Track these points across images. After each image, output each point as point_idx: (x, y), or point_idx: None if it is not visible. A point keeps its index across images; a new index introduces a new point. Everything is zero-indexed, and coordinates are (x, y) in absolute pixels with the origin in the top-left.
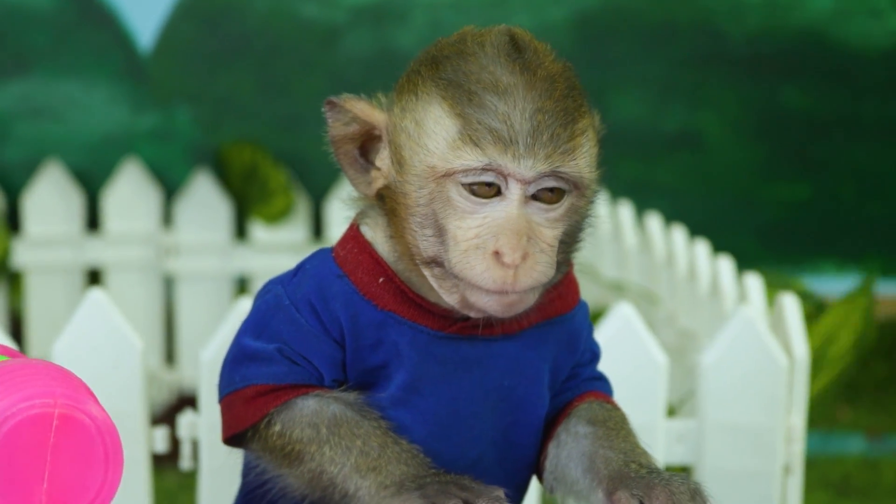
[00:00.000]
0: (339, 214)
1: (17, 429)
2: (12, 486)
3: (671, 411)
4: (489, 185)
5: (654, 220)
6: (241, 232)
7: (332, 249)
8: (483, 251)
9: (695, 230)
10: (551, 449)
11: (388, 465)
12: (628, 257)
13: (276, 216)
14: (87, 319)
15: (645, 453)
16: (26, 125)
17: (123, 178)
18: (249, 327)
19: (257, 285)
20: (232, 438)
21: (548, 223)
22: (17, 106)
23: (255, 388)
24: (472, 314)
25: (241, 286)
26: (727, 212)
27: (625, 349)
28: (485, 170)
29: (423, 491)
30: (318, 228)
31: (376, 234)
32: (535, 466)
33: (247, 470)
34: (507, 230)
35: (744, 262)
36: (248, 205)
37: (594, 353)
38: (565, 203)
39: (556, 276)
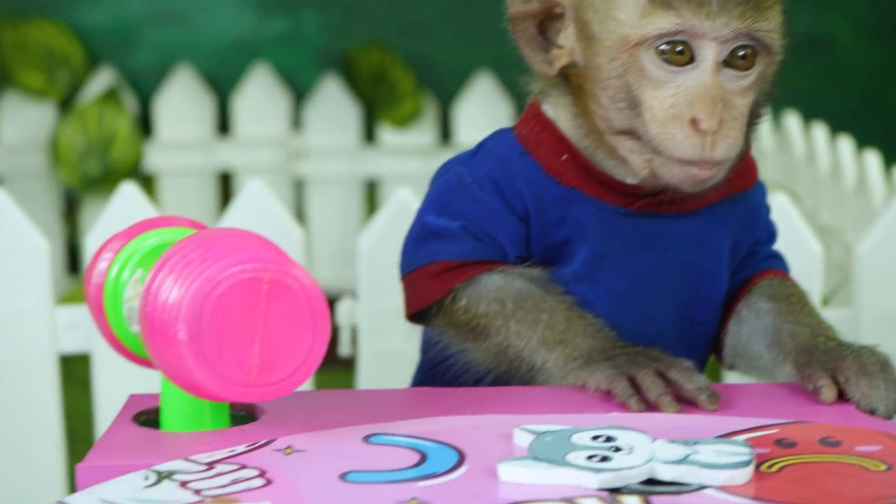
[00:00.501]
0: (468, 118)
1: (230, 292)
2: (226, 348)
3: (824, 301)
4: (682, 51)
5: (791, 119)
6: (369, 135)
7: (512, 128)
8: (680, 120)
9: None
10: (731, 326)
11: (575, 338)
12: (765, 157)
13: (405, 120)
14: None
15: (830, 327)
16: (155, 31)
17: (253, 82)
18: (431, 206)
19: (385, 189)
20: (415, 315)
21: (739, 91)
22: (147, 12)
23: (439, 264)
24: (659, 189)
25: (370, 189)
26: (857, 115)
27: (780, 239)
28: (678, 32)
29: (612, 362)
30: (445, 132)
31: (558, 113)
32: (714, 344)
33: (428, 346)
34: (702, 97)
35: None
36: (376, 109)
37: (771, 233)
38: (756, 69)
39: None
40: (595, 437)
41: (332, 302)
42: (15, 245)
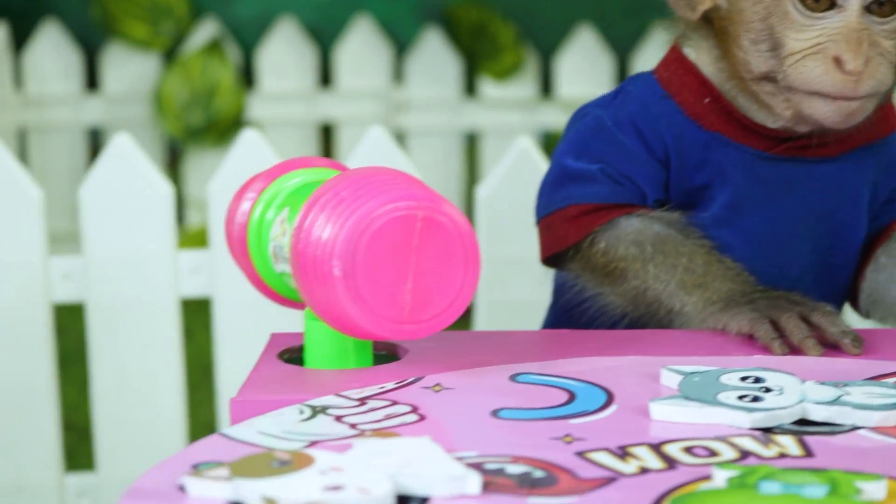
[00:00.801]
0: (568, 71)
1: (384, 229)
2: (379, 284)
3: None
4: None
5: None
6: (469, 88)
7: (653, 72)
8: (823, 56)
9: None
10: (869, 273)
11: (714, 281)
12: None
13: (505, 72)
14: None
15: None
16: None
17: (354, 34)
18: (570, 149)
19: (486, 142)
20: (550, 259)
21: (884, 34)
22: None
23: (577, 207)
24: (805, 129)
25: (470, 142)
26: None
27: None
28: None
29: (753, 305)
30: (546, 85)
31: (700, 56)
32: (850, 291)
33: (562, 290)
34: (847, 37)
35: None
36: (476, 61)
37: None
38: None
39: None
40: (744, 378)
41: None
42: (139, 189)
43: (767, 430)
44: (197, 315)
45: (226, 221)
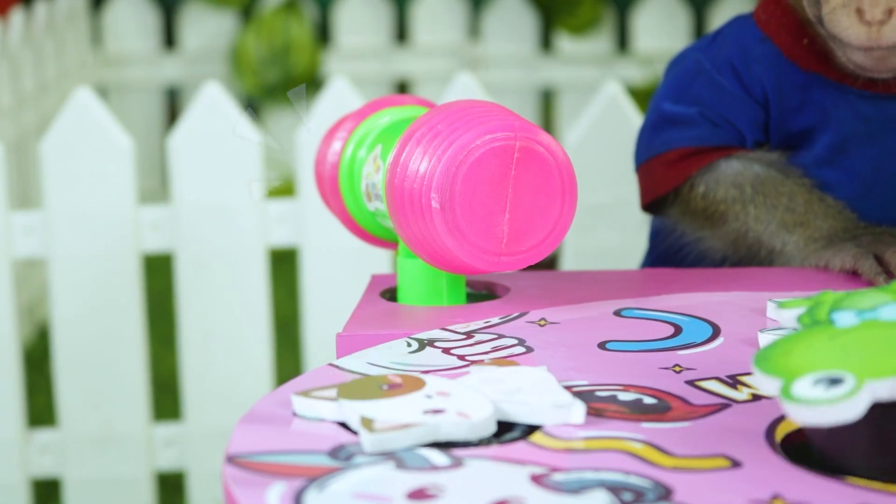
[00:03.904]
0: (645, 25)
1: (481, 160)
2: (477, 216)
3: None
4: None
5: None
6: (546, 43)
7: (751, 14)
8: (848, 9)
9: None
10: None
11: (816, 219)
12: None
13: (582, 27)
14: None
15: None
16: None
17: None
18: (669, 93)
19: (562, 98)
20: (651, 205)
21: None
22: None
23: (676, 151)
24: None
25: (546, 98)
26: None
27: None
28: None
29: (856, 241)
30: (623, 39)
31: None
32: None
33: (659, 237)
34: None
35: None
36: (553, 16)
37: None
38: None
39: None
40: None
41: None
42: (227, 138)
43: None
44: (279, 270)
45: (315, 163)
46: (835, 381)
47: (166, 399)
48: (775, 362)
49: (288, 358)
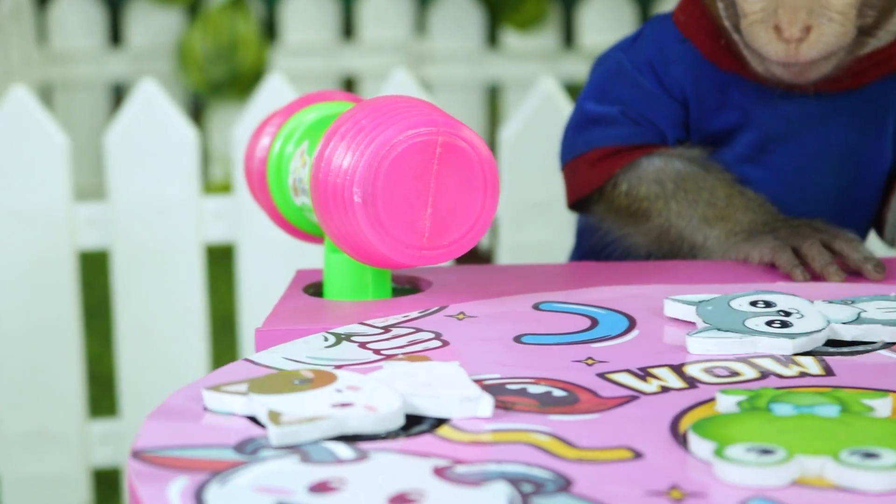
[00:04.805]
0: (591, 21)
1: (404, 155)
2: (399, 211)
3: None
4: None
5: None
6: (492, 39)
7: (671, 15)
8: (766, 25)
9: None
10: (894, 202)
11: (736, 213)
12: None
13: (528, 23)
14: None
15: None
16: None
17: None
18: (591, 93)
19: (508, 93)
20: (576, 203)
21: None
22: None
23: (599, 150)
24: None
25: (492, 94)
26: None
27: None
28: None
29: (775, 234)
30: (568, 35)
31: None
32: (874, 223)
33: (585, 234)
34: (786, 4)
35: None
36: (499, 12)
37: None
38: None
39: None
40: (753, 303)
41: None
42: (164, 135)
43: None
44: (219, 268)
45: (245, 158)
46: (766, 451)
47: (103, 396)
48: (711, 431)
49: (226, 354)
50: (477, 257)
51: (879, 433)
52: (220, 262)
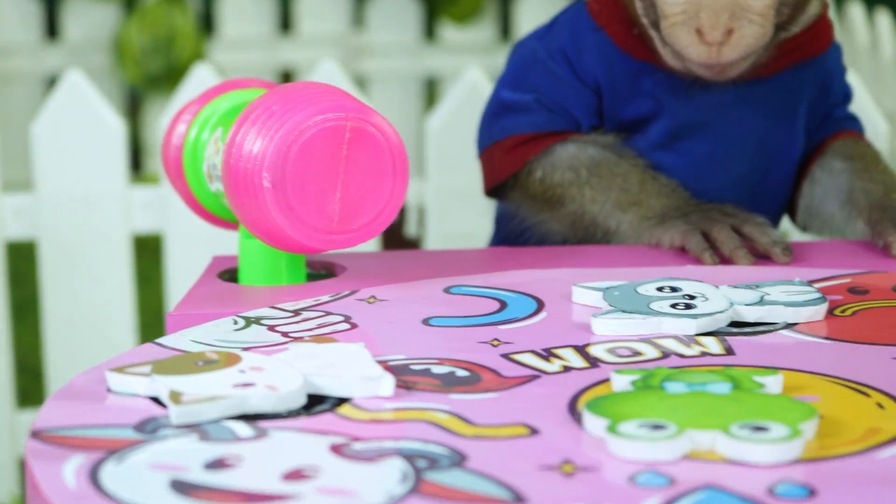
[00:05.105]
0: (528, 14)
1: (313, 140)
2: (308, 195)
3: None
4: None
5: (855, 9)
6: (429, 32)
7: (585, 3)
8: (687, 27)
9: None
10: (805, 187)
11: (649, 198)
12: None
13: (465, 16)
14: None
15: None
16: None
17: None
18: (507, 81)
19: (445, 86)
20: (493, 190)
21: None
22: None
23: (514, 137)
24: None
25: (430, 87)
26: None
27: None
28: None
29: (686, 218)
30: (506, 28)
31: None
32: (787, 208)
33: (503, 221)
34: (707, 7)
35: None
36: (436, 5)
37: (847, 94)
38: None
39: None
40: (659, 289)
41: None
42: (90, 126)
43: None
44: (148, 259)
45: (162, 146)
46: (658, 427)
47: (32, 387)
48: (604, 408)
49: None
50: (404, 245)
51: (769, 408)
52: (150, 253)
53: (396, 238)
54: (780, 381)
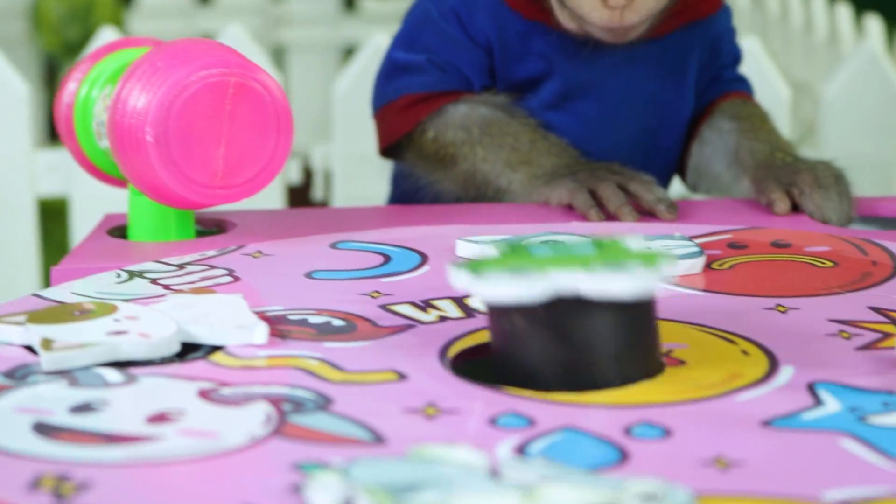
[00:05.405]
0: None
1: (196, 96)
2: (192, 150)
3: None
4: None
5: None
6: (349, 2)
7: None
8: None
9: None
10: (695, 147)
11: (539, 157)
12: (742, 15)
13: None
14: None
15: (789, 144)
16: None
17: None
18: (400, 42)
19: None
20: (387, 150)
21: None
22: None
23: (406, 97)
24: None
25: (349, 57)
26: None
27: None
28: None
29: (574, 177)
30: None
31: None
32: (678, 168)
33: (398, 181)
34: None
35: None
36: None
37: (736, 56)
38: None
39: None
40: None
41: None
42: None
43: None
44: (56, 225)
45: (54, 105)
46: (521, 270)
47: None
48: (470, 266)
49: None
50: (311, 205)
51: (629, 255)
52: (55, 217)
53: (303, 202)
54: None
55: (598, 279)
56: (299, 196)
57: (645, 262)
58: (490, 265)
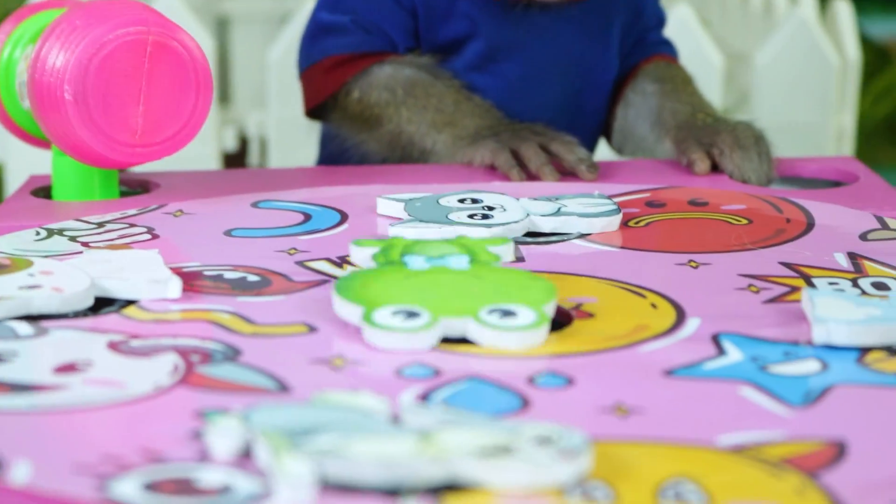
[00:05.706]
0: None
1: (114, 54)
2: (110, 108)
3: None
4: None
5: None
6: None
7: None
8: None
9: None
10: (619, 110)
11: (463, 119)
12: None
13: None
14: None
15: (711, 106)
16: None
17: None
18: (325, 3)
19: (297, 22)
20: (313, 111)
21: None
22: None
23: (331, 58)
24: None
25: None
26: None
27: (681, 51)
28: None
29: (497, 137)
30: None
31: None
32: (604, 131)
33: (325, 142)
34: None
35: None
36: None
37: (660, 19)
38: None
39: None
40: (461, 200)
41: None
42: None
43: None
44: None
45: None
46: (412, 314)
47: None
48: (356, 293)
49: None
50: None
51: (510, 288)
52: None
53: (240, 167)
54: (510, 250)
55: (489, 334)
56: (235, 163)
57: (531, 301)
58: (376, 299)
